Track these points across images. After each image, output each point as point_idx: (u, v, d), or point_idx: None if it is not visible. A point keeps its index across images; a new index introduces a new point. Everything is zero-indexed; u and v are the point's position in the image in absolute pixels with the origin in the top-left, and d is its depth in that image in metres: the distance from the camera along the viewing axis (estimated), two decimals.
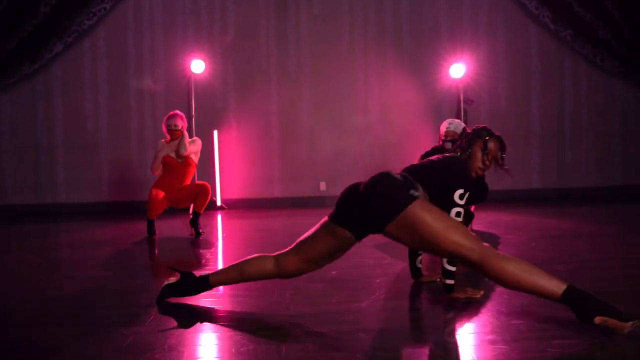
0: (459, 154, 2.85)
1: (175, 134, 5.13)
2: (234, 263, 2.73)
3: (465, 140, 2.88)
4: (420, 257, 3.09)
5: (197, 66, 7.11)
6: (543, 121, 7.71)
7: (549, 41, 7.63)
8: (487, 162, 2.81)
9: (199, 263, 4.00)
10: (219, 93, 7.48)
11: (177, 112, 5.26)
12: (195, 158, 5.22)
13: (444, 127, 4.81)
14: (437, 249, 2.34)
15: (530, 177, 7.71)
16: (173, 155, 5.11)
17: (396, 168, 2.73)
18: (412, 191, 2.40)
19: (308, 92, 7.55)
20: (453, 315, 2.55)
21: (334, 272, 3.27)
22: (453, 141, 4.85)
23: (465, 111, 7.48)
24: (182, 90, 7.42)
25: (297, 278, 2.71)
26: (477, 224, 5.27)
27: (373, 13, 7.56)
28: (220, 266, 3.86)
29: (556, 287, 2.18)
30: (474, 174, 2.82)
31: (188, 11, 7.43)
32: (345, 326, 2.37)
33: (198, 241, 4.88)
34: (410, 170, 2.71)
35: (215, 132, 7.40)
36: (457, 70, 7.29)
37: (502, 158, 2.85)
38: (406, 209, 2.33)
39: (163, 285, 2.77)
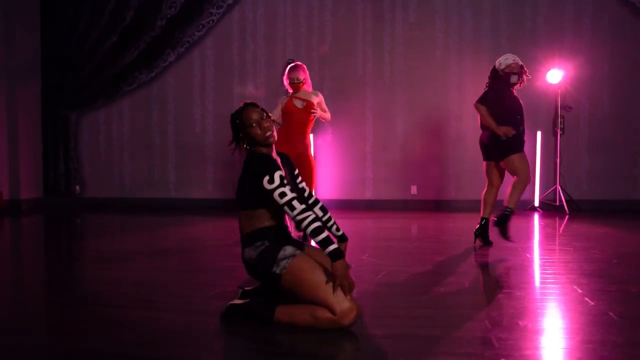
0: (246, 151, 2.73)
1: (297, 87, 4.93)
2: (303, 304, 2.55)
3: (233, 135, 2.73)
4: (333, 225, 2.93)
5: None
6: None
7: None
8: (262, 127, 2.65)
9: None
10: None
11: (299, 63, 5.07)
12: (319, 112, 5.00)
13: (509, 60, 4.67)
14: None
15: (637, 187, 7.35)
16: (297, 103, 4.93)
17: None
18: (274, 268, 2.54)
19: (402, 98, 7.70)
20: None
21: None
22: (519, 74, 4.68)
23: (562, 117, 7.29)
24: (282, 96, 7.84)
25: None
26: (565, 236, 5.19)
27: (470, 20, 7.55)
28: None
29: None
30: (265, 149, 2.69)
31: (288, 21, 7.84)
32: None
33: None
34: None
35: (311, 136, 7.73)
36: (555, 75, 7.11)
37: (268, 117, 2.69)
38: (280, 283, 2.55)
39: (229, 303, 2.72)
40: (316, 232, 2.46)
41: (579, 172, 7.44)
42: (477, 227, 4.73)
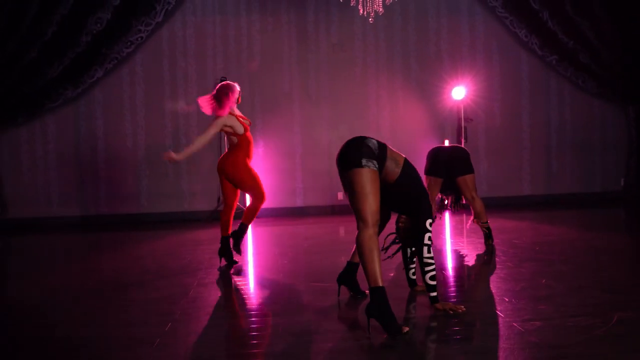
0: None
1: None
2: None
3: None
4: (413, 269, 3.67)
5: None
6: (532, 136, 8.74)
7: (537, 65, 8.65)
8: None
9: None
10: (246, 114, 8.26)
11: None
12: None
13: None
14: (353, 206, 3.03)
15: (522, 185, 8.73)
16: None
17: None
18: (364, 160, 3.02)
19: (326, 111, 8.43)
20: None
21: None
22: None
23: (465, 128, 8.44)
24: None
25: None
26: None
27: (383, 41, 8.47)
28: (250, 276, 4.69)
29: (374, 280, 2.89)
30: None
31: (218, 40, 8.22)
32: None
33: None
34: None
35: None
36: (459, 92, 8.24)
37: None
38: (351, 171, 3.03)
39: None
40: (433, 278, 3.29)
41: (479, 174, 8.64)
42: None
